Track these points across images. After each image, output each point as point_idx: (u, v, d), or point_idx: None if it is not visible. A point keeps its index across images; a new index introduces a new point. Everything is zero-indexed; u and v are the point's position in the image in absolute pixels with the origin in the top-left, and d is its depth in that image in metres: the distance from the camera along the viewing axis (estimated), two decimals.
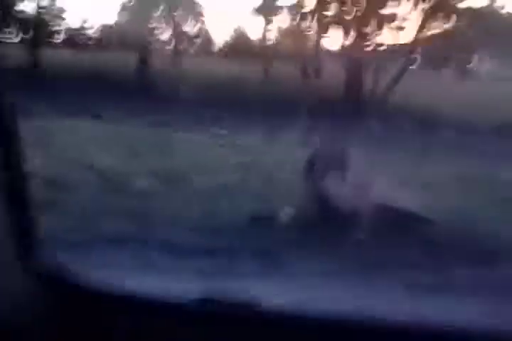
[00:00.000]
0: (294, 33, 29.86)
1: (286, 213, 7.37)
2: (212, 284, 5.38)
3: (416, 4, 23.99)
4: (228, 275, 5.53)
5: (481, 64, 46.68)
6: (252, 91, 22.75)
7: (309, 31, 28.96)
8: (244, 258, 5.98)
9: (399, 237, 7.05)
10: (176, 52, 29.31)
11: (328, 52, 36.18)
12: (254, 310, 1.56)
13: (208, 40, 45.56)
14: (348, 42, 25.57)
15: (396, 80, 24.95)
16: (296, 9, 27.31)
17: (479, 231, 7.44)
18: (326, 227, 7.07)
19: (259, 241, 6.57)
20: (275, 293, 5.19)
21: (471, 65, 42.59)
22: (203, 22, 43.23)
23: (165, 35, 37.53)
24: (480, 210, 8.41)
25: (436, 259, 6.43)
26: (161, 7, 32.92)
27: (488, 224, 7.68)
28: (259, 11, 28.10)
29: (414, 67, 38.98)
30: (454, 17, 24.15)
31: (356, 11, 24.37)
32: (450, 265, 6.20)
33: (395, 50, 29.27)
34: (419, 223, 7.46)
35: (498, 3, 24.50)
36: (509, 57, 44.02)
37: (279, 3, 27.25)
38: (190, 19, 40.93)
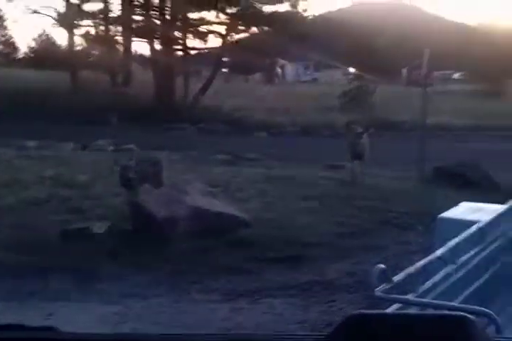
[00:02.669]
0: (101, 40, 29.27)
1: (100, 226, 7.17)
2: (19, 307, 5.14)
3: (223, 9, 24.48)
4: (34, 296, 5.29)
5: (285, 68, 48.60)
6: (61, 100, 22.04)
7: (116, 37, 28.60)
8: (55, 276, 5.74)
9: (217, 240, 7.12)
10: None
11: (138, 58, 35.94)
12: (55, 335, 1.48)
13: (12, 47, 43.42)
14: (157, 48, 25.58)
15: (207, 84, 25.36)
16: (101, 15, 26.85)
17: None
18: (142, 238, 6.98)
19: (71, 257, 6.34)
20: (81, 313, 5.07)
21: (277, 68, 44.25)
22: (5, 28, 41.18)
23: None
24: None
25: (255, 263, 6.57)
26: None
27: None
28: (64, 16, 27.24)
29: (225, 70, 39.89)
30: (259, 22, 24.91)
31: (164, 15, 24.40)
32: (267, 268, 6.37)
33: (205, 54, 29.75)
34: (236, 224, 7.56)
35: (300, 8, 25.54)
36: (309, 62, 46.10)
37: (84, 9, 26.60)
38: None
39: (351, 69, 36.12)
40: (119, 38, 28.64)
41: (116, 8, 26.92)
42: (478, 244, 3.86)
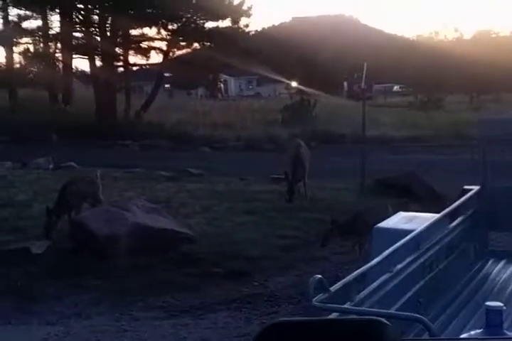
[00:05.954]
0: (40, 57, 28.86)
1: (39, 245, 7.04)
2: None
3: (164, 25, 24.45)
4: None
5: (228, 83, 48.78)
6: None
7: (56, 54, 28.24)
8: None
9: (160, 257, 7.08)
10: None
11: (79, 74, 35.57)
12: None
13: None
14: (98, 64, 25.34)
15: (150, 100, 25.25)
16: (40, 32, 26.48)
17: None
18: (83, 257, 6.88)
19: (10, 279, 6.20)
20: (22, 335, 4.97)
21: (220, 83, 44.39)
22: None
23: None
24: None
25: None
26: None
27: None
28: (2, 33, 26.80)
29: (167, 86, 39.77)
30: (200, 38, 24.96)
31: (105, 31, 24.23)
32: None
33: (147, 70, 29.59)
34: (180, 240, 7.52)
35: (242, 23, 25.64)
36: (251, 76, 46.44)
37: (23, 26, 26.19)
38: None
39: (293, 84, 36.49)
40: (59, 55, 28.31)
41: (55, 25, 26.63)
42: (414, 252, 3.93)
